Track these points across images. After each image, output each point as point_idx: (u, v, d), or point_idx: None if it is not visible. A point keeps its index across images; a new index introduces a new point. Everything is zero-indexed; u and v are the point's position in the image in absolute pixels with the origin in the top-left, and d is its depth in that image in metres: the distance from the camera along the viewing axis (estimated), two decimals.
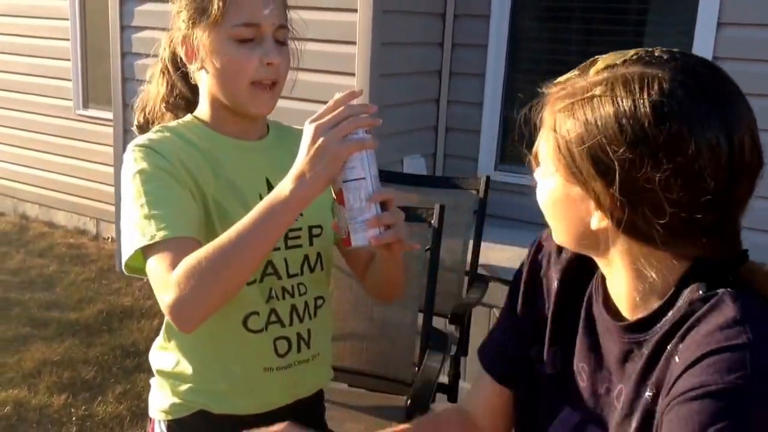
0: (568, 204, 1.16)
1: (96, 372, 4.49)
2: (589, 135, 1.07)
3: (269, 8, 1.66)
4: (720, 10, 4.16)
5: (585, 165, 1.09)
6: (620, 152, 1.04)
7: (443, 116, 5.03)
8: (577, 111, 1.10)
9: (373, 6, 4.25)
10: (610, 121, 1.05)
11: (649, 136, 1.02)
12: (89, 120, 7.10)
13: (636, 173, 1.04)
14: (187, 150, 1.71)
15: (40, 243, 6.93)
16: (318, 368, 1.94)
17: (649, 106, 1.03)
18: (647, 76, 1.06)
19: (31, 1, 7.41)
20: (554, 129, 1.14)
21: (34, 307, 5.43)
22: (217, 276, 1.48)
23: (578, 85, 1.12)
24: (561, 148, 1.12)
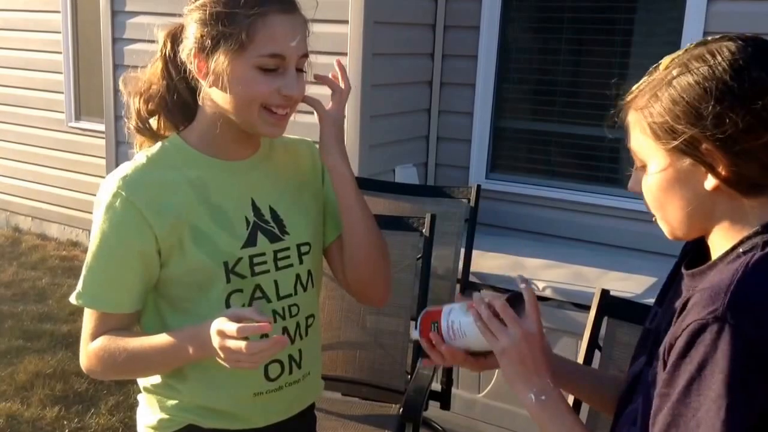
0: (679, 180, 1.27)
1: (89, 384, 4.45)
2: (679, 106, 1.22)
3: (296, 39, 1.63)
4: (706, 21, 4.19)
5: (687, 131, 1.22)
6: (711, 108, 1.18)
7: (434, 126, 5.03)
8: (661, 95, 1.25)
9: (364, 17, 4.26)
10: (695, 88, 1.20)
11: (734, 89, 1.17)
12: (81, 132, 7.09)
13: (731, 123, 1.17)
14: (168, 184, 1.69)
15: (32, 255, 6.89)
16: (309, 386, 1.94)
17: (727, 64, 1.19)
18: (714, 48, 1.22)
19: (23, 15, 7.40)
20: (647, 119, 1.27)
21: (26, 319, 5.39)
22: (122, 374, 1.84)
23: (654, 80, 1.28)
24: (659, 129, 1.26)
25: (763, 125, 1.18)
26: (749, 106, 1.17)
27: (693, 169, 1.25)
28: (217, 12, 1.60)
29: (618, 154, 4.73)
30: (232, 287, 1.72)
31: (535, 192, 4.80)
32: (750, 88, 1.17)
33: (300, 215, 1.86)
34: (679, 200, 1.29)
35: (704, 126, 1.20)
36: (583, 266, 4.21)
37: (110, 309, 1.70)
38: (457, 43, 4.92)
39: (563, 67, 4.76)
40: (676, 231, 1.35)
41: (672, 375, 1.18)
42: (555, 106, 4.82)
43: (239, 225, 1.74)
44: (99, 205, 1.68)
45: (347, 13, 4.30)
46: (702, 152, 1.22)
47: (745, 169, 1.20)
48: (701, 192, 1.25)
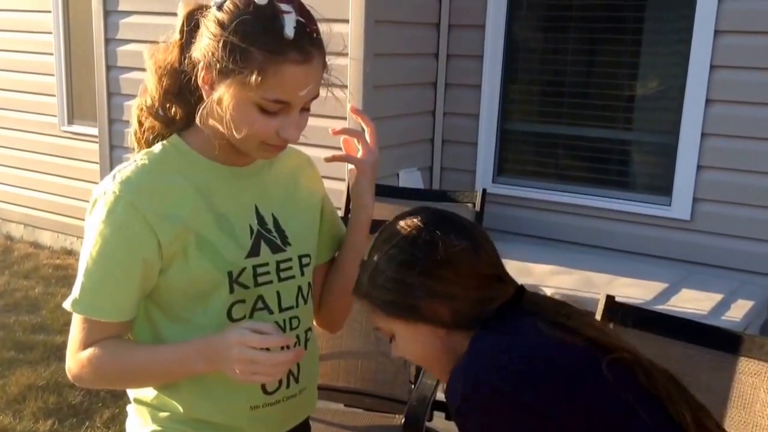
0: (421, 341, 1.50)
1: (83, 397, 4.41)
2: (391, 284, 1.49)
3: (307, 89, 1.57)
4: (717, 18, 4.19)
5: (406, 300, 1.47)
6: (413, 281, 1.46)
7: (439, 128, 5.04)
8: (375, 278, 1.51)
9: (365, 16, 4.24)
10: (394, 266, 1.48)
11: (422, 261, 1.47)
12: (74, 136, 7.03)
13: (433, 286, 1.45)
14: (174, 189, 1.65)
15: (25, 264, 6.85)
16: (304, 400, 1.90)
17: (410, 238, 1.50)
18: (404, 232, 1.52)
19: (13, 15, 7.34)
20: (370, 300, 1.52)
21: (19, 330, 5.36)
22: (114, 385, 1.87)
23: (366, 269, 1.54)
24: (381, 307, 1.50)
25: (451, 272, 1.46)
26: (435, 263, 1.45)
27: (421, 329, 1.49)
28: (233, 43, 1.53)
29: (628, 156, 4.76)
30: (235, 298, 1.69)
31: (542, 196, 4.81)
32: (422, 257, 1.46)
33: (301, 226, 1.85)
34: (432, 356, 1.53)
35: (404, 291, 1.47)
36: (591, 272, 4.25)
37: (108, 317, 1.64)
38: (462, 42, 4.92)
39: (571, 68, 4.76)
40: (444, 379, 1.47)
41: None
42: (563, 108, 4.82)
43: (243, 234, 1.72)
44: (98, 207, 1.62)
45: (348, 11, 4.28)
46: (415, 313, 1.47)
47: (459, 309, 1.46)
48: (442, 342, 1.49)
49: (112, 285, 1.63)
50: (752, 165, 4.26)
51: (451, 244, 1.46)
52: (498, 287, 1.51)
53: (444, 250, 1.45)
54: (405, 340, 1.53)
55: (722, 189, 4.41)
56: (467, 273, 1.47)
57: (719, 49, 4.22)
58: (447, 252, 1.45)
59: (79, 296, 1.64)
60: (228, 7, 1.56)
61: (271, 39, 1.52)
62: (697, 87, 4.29)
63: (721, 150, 4.35)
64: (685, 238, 4.54)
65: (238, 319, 1.69)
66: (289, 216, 1.82)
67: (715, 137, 4.35)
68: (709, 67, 4.26)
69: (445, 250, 1.45)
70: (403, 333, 1.52)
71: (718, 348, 2.00)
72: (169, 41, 1.70)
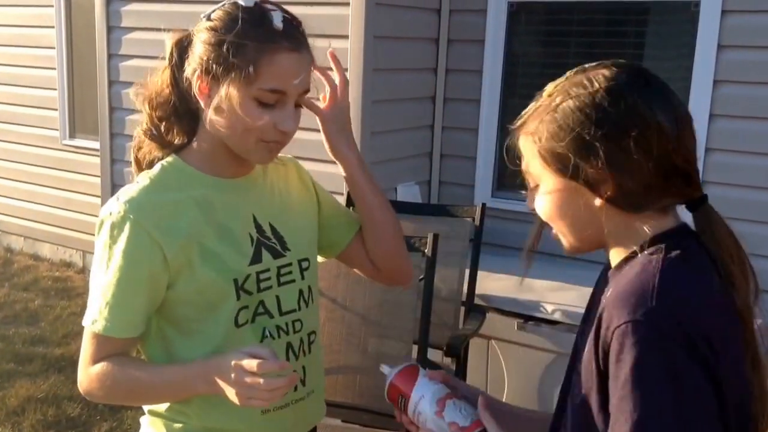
0: (568, 199, 1.37)
1: (81, 409, 4.43)
2: (563, 131, 1.32)
3: (300, 78, 1.66)
4: (720, 34, 4.16)
5: (572, 157, 1.32)
6: (594, 133, 1.29)
7: (438, 143, 5.00)
8: (547, 121, 1.35)
9: (364, 31, 4.23)
10: (576, 114, 1.31)
11: (612, 114, 1.29)
12: (76, 150, 7.04)
13: (613, 146, 1.29)
14: (174, 204, 1.70)
15: (25, 276, 6.87)
16: (313, 405, 1.94)
17: (604, 91, 1.30)
18: (592, 75, 1.34)
19: (17, 30, 7.36)
20: (536, 144, 1.37)
21: (18, 342, 5.37)
22: (123, 401, 1.85)
23: (540, 106, 1.38)
24: (548, 156, 1.36)
25: (640, 148, 1.28)
26: (627, 131, 1.28)
27: (580, 190, 1.35)
28: (227, 40, 1.62)
29: None
30: (241, 304, 1.74)
31: None
32: (626, 113, 1.29)
33: (298, 231, 1.90)
34: (570, 218, 1.40)
35: (587, 150, 1.31)
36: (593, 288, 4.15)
37: (117, 334, 1.69)
38: (461, 57, 4.89)
39: None
40: (572, 245, 1.44)
41: (614, 383, 1.25)
42: None
43: (245, 242, 1.77)
44: (105, 228, 1.68)
45: (347, 27, 4.28)
46: (586, 174, 1.32)
47: (626, 189, 1.31)
48: (590, 210, 1.36)
49: (121, 302, 1.67)
50: (754, 180, 4.23)
51: (652, 117, 1.29)
52: (680, 185, 1.34)
53: (641, 122, 1.29)
54: (550, 196, 1.40)
55: (727, 204, 4.24)
56: (656, 155, 1.29)
57: (722, 63, 4.19)
58: (644, 125, 1.29)
59: (97, 315, 1.68)
60: (217, 14, 1.66)
61: (262, 31, 1.62)
62: (700, 101, 4.25)
63: (726, 165, 4.30)
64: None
65: (243, 325, 1.74)
66: (286, 222, 1.87)
67: (719, 152, 4.30)
68: (713, 81, 4.22)
69: (642, 122, 1.29)
70: (551, 187, 1.39)
71: None
72: (155, 73, 1.78)
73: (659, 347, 1.20)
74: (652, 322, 1.21)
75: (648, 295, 1.23)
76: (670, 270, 1.28)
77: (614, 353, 1.23)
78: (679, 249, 1.32)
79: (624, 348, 1.21)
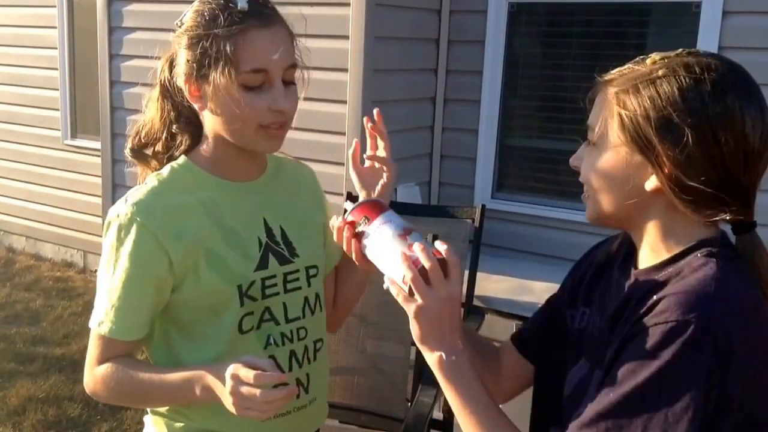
0: (626, 171, 1.34)
1: (82, 409, 4.43)
2: (655, 108, 1.28)
3: (278, 51, 1.63)
4: (720, 35, 4.15)
5: (651, 133, 1.29)
6: (684, 119, 1.26)
7: (438, 143, 4.99)
8: (642, 89, 1.31)
9: (365, 32, 4.23)
10: (675, 95, 1.27)
11: (708, 108, 1.25)
12: (77, 150, 7.04)
13: (696, 138, 1.25)
14: (182, 207, 1.70)
15: (26, 276, 6.87)
16: (315, 411, 1.93)
17: (710, 83, 1.26)
18: (703, 62, 1.29)
19: (19, 30, 7.37)
20: (619, 106, 1.33)
21: (19, 342, 5.37)
22: (127, 403, 1.89)
23: (638, 71, 1.34)
24: (627, 122, 1.32)
25: (720, 150, 1.26)
26: (715, 129, 1.26)
27: (641, 166, 1.32)
28: (198, 35, 1.63)
29: None
30: (245, 310, 1.73)
31: (542, 212, 4.74)
32: (722, 112, 1.26)
33: (309, 237, 1.89)
34: (617, 189, 1.37)
35: (668, 132, 1.28)
36: None
37: (121, 336, 1.71)
38: (461, 57, 4.88)
39: (572, 83, 4.69)
40: (599, 215, 1.42)
41: (632, 368, 1.23)
42: (563, 124, 4.76)
43: (252, 247, 1.76)
44: (112, 229, 1.68)
45: (347, 28, 4.27)
46: (657, 154, 1.29)
47: (688, 184, 1.28)
48: (639, 189, 1.34)
49: (126, 305, 1.69)
50: None
51: (742, 127, 1.27)
52: (738, 203, 1.32)
53: (731, 127, 1.26)
54: (608, 158, 1.36)
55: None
56: (729, 162, 1.27)
57: None
58: (734, 131, 1.26)
59: (104, 317, 1.70)
60: (188, 16, 1.67)
61: (228, 16, 1.60)
62: None
63: None
64: None
65: (248, 331, 1.73)
66: (296, 227, 1.85)
67: None
68: None
69: (732, 128, 1.26)
70: (613, 151, 1.35)
71: None
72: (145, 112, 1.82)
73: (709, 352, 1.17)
74: (706, 327, 1.18)
75: (702, 297, 1.21)
76: (728, 277, 1.26)
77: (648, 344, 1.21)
78: (729, 259, 1.30)
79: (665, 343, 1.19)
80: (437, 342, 1.38)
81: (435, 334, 1.37)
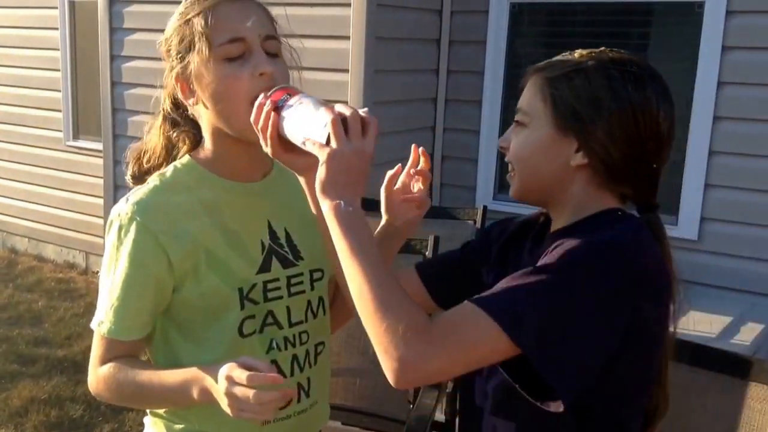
0: (552, 149, 1.47)
1: (84, 410, 4.42)
2: (586, 90, 1.43)
3: (251, 20, 1.61)
4: (724, 36, 4.14)
5: (582, 112, 1.43)
6: (610, 102, 1.42)
7: (439, 144, 4.99)
8: (574, 76, 1.45)
9: (366, 32, 4.22)
10: (603, 81, 1.43)
11: (631, 95, 1.42)
12: (79, 151, 7.04)
13: (619, 119, 1.42)
14: (183, 208, 1.69)
15: (28, 277, 6.86)
16: (316, 414, 1.90)
17: (633, 75, 1.44)
18: (626, 59, 1.47)
19: (20, 31, 7.37)
20: (552, 89, 1.46)
21: (21, 343, 5.36)
22: (129, 404, 1.87)
23: (569, 61, 1.48)
24: (559, 102, 1.45)
25: (639, 132, 1.43)
26: (636, 113, 1.43)
27: (568, 144, 1.46)
28: (175, 27, 1.65)
29: None
30: (246, 313, 1.71)
31: None
32: (641, 100, 1.43)
33: (314, 241, 1.82)
34: (546, 164, 1.49)
35: (597, 112, 1.43)
36: None
37: (121, 336, 1.70)
38: (462, 58, 4.88)
39: None
40: (526, 190, 1.53)
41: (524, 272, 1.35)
42: None
43: (254, 249, 1.74)
44: (113, 229, 1.67)
45: (348, 29, 4.26)
46: (585, 131, 1.44)
47: (612, 160, 1.44)
48: (565, 166, 1.47)
49: (126, 305, 1.68)
50: (761, 184, 4.20)
51: (656, 116, 1.45)
52: (648, 185, 1.50)
53: (649, 115, 1.44)
54: (538, 137, 1.49)
55: (730, 208, 4.32)
56: (644, 143, 1.44)
57: (726, 64, 4.17)
58: (650, 118, 1.44)
59: (104, 317, 1.69)
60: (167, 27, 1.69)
61: (199, 1, 1.62)
62: (704, 104, 4.24)
63: (729, 168, 4.28)
64: (692, 258, 4.42)
65: (249, 335, 1.71)
66: (302, 230, 1.82)
67: (723, 155, 4.29)
68: (717, 83, 4.20)
69: (649, 115, 1.44)
70: (543, 131, 1.48)
71: (726, 372, 1.97)
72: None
73: (603, 259, 1.34)
74: (600, 248, 1.36)
75: (606, 235, 1.39)
76: (634, 226, 1.45)
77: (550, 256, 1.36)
78: (638, 221, 1.48)
79: (557, 252, 1.36)
80: (338, 191, 1.40)
81: (339, 184, 1.40)
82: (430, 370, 1.34)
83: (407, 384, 1.36)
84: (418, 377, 1.37)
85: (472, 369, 1.40)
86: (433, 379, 1.41)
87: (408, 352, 1.31)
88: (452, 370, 1.36)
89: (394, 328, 1.32)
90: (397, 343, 1.32)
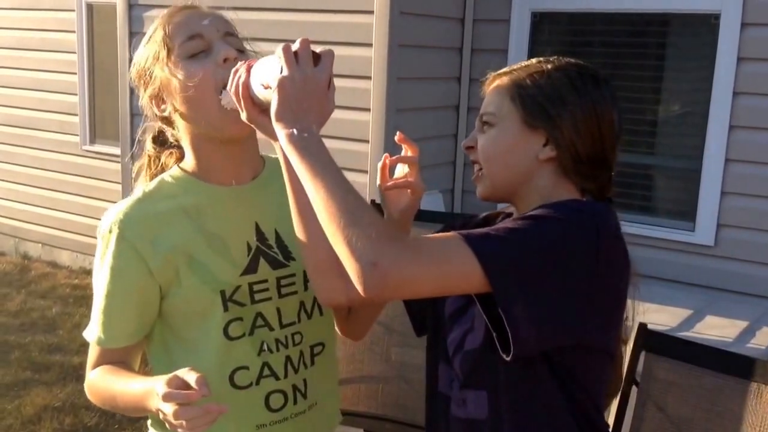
0: (521, 144, 1.55)
1: (99, 418, 4.41)
2: (552, 89, 1.53)
3: (208, 19, 1.68)
4: (740, 45, 4.19)
5: (550, 108, 1.52)
6: (575, 98, 1.52)
7: (461, 151, 4.94)
8: (537, 78, 1.54)
9: (389, 40, 4.23)
10: (566, 81, 1.53)
11: (592, 93, 1.53)
12: (96, 156, 7.05)
13: (583, 115, 1.51)
14: (164, 215, 1.71)
15: (42, 284, 6.86)
16: (318, 417, 1.89)
17: (590, 76, 1.55)
18: (581, 63, 1.58)
19: (37, 34, 7.38)
20: (519, 88, 1.55)
21: (35, 350, 5.35)
22: (109, 408, 1.82)
23: (530, 67, 1.57)
24: (528, 101, 1.53)
25: (601, 127, 1.53)
26: (597, 109, 1.52)
27: (536, 139, 1.54)
28: (140, 51, 1.72)
29: (651, 181, 4.73)
30: (231, 316, 1.71)
31: None
32: (600, 98, 1.53)
33: None
34: (514, 161, 1.56)
35: (564, 108, 1.51)
36: None
37: (108, 344, 1.74)
38: (484, 66, 4.81)
39: None
40: (494, 188, 1.60)
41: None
42: None
43: (238, 252, 1.74)
44: (99, 241, 1.72)
45: (371, 36, 4.27)
46: (553, 126, 1.52)
47: (578, 154, 1.52)
48: (532, 161, 1.55)
49: (110, 314, 1.71)
50: None
51: (611, 113, 1.55)
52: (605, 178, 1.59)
53: (607, 111, 1.54)
54: (505, 137, 1.57)
55: (746, 215, 4.39)
56: (603, 139, 1.54)
57: (742, 75, 4.21)
58: (608, 114, 1.54)
59: (89, 324, 1.75)
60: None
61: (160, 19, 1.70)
62: (720, 113, 4.28)
63: (745, 176, 4.33)
64: (709, 263, 4.51)
65: (236, 338, 1.71)
66: (293, 230, 1.78)
67: (739, 163, 4.34)
68: (732, 93, 4.25)
69: (607, 111, 1.54)
70: (511, 130, 1.56)
71: (747, 377, 2.00)
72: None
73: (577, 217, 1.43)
74: (575, 207, 1.46)
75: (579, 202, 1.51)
76: (602, 204, 1.55)
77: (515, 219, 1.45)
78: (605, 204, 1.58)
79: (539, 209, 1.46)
80: (293, 120, 1.41)
81: (292, 111, 1.41)
82: (402, 277, 1.34)
83: (377, 290, 1.34)
84: (389, 282, 1.34)
85: (438, 294, 1.48)
86: (403, 288, 1.40)
87: (383, 256, 1.32)
88: (422, 285, 1.38)
89: (366, 234, 1.33)
90: (371, 247, 1.32)
